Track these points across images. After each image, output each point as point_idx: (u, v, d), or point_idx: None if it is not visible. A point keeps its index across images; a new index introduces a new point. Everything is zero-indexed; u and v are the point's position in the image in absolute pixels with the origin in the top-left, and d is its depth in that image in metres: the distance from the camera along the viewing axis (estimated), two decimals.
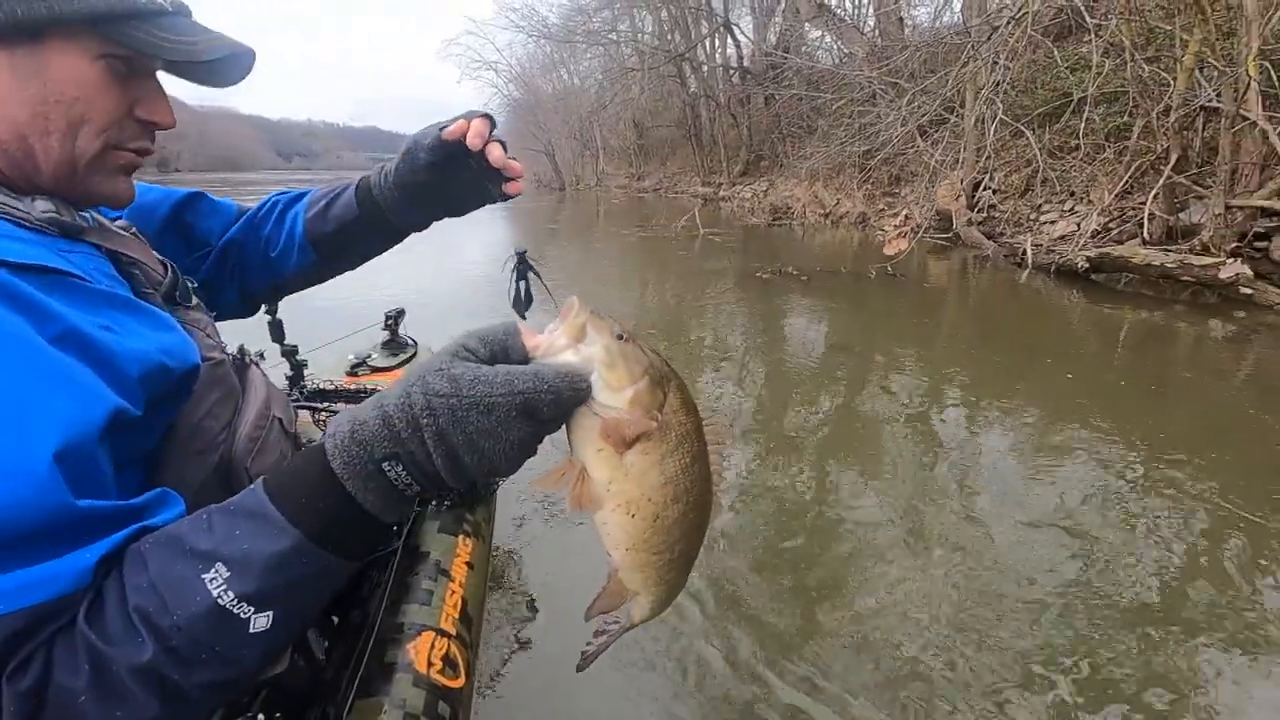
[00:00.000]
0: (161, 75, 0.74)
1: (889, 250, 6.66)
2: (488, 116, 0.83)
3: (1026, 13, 5.80)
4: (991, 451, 2.93)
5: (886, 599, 1.95)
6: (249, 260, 1.06)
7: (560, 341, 0.55)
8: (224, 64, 0.73)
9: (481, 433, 0.51)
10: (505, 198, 0.89)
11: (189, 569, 0.51)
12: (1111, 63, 6.38)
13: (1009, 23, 6.27)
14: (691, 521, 0.60)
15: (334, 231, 1.00)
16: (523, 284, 0.97)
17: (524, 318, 0.93)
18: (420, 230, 1.02)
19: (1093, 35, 5.91)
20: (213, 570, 0.51)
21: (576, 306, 0.55)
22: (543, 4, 43.94)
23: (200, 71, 0.74)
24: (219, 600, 0.50)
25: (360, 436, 0.52)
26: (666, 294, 6.75)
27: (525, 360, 0.55)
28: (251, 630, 0.52)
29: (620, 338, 0.55)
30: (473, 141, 0.82)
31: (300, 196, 1.06)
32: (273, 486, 0.54)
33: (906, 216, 7.97)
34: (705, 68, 22.03)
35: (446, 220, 1.01)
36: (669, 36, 22.34)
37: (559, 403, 0.53)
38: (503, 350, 0.55)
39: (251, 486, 0.56)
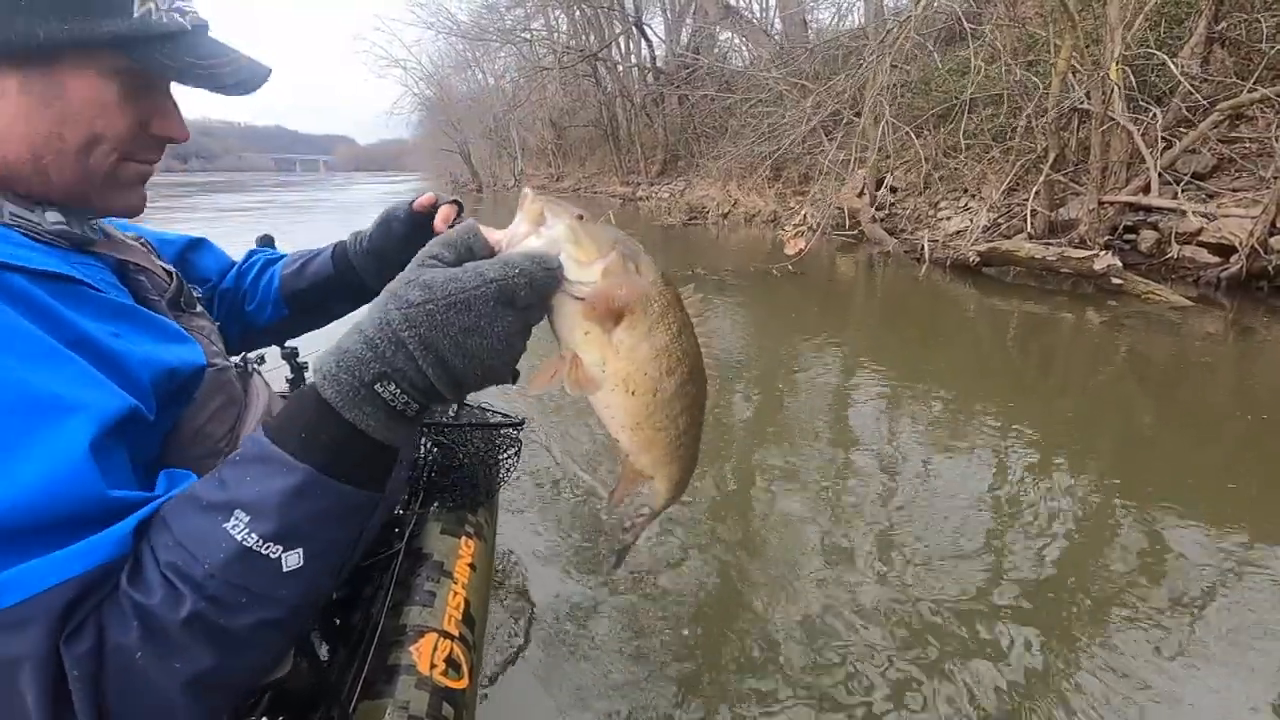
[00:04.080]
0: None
1: (789, 250, 6.81)
2: (455, 202, 0.92)
3: (910, 17, 6.01)
4: (900, 441, 2.98)
5: (808, 585, 1.98)
6: (228, 310, 1.09)
7: (522, 229, 0.55)
8: (239, 83, 0.73)
9: (465, 331, 0.52)
10: None
11: (209, 520, 0.52)
12: (990, 67, 6.71)
13: (897, 27, 6.50)
14: (689, 394, 0.60)
15: (307, 289, 1.05)
16: None
17: None
18: None
19: (970, 41, 6.20)
20: (232, 518, 0.52)
21: (530, 195, 0.56)
22: (450, 1, 42.84)
23: (213, 88, 0.73)
24: (244, 543, 0.51)
25: (346, 363, 0.52)
26: None
27: (491, 256, 0.56)
28: (285, 569, 0.53)
29: (580, 218, 0.55)
30: (438, 226, 0.90)
31: (281, 257, 1.13)
32: (273, 430, 0.55)
33: (805, 217, 8.16)
34: (620, 68, 22.03)
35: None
36: (583, 36, 22.21)
37: (534, 285, 0.53)
38: (468, 251, 0.57)
39: (251, 435, 0.56)
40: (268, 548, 0.52)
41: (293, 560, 0.53)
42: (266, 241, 2.33)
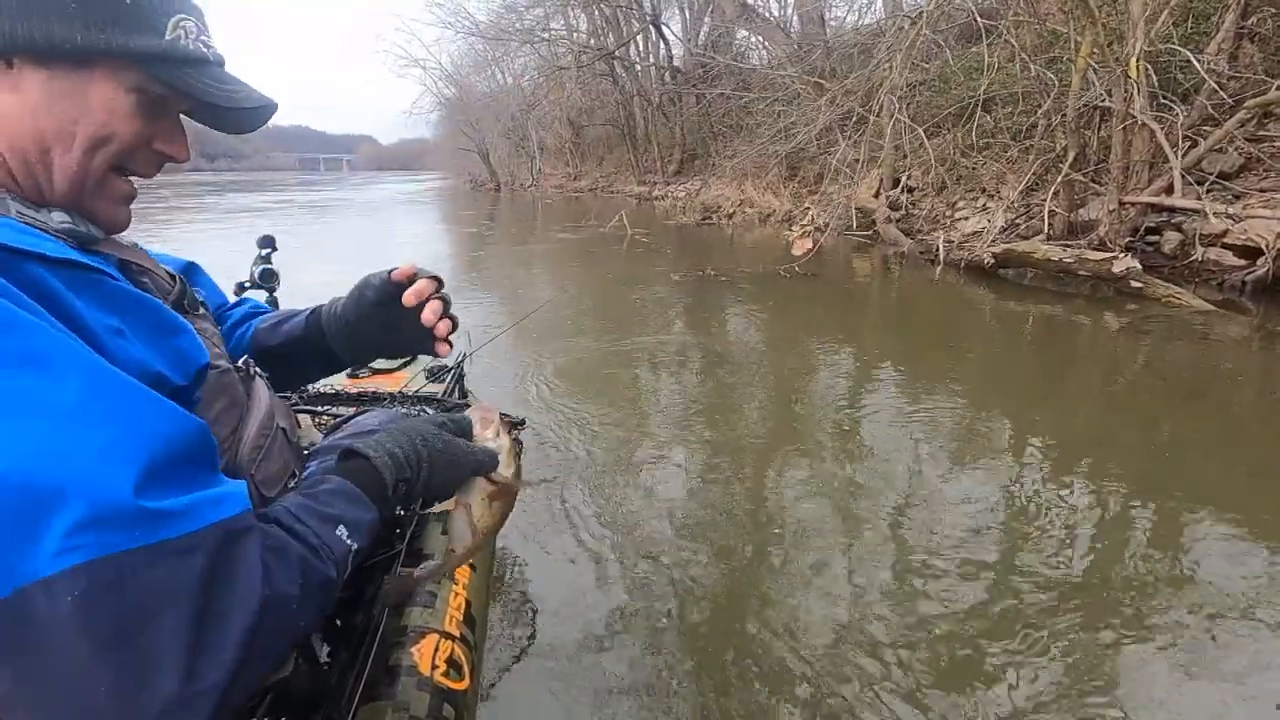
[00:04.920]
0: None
1: (796, 251, 6.72)
2: (435, 278, 0.96)
3: (922, 14, 5.89)
4: (914, 447, 2.91)
5: (822, 592, 1.95)
6: None
7: (489, 433, 0.89)
8: (252, 113, 0.78)
9: (447, 480, 0.82)
10: (435, 354, 1.02)
11: (328, 525, 0.67)
12: (1005, 63, 6.55)
13: (911, 24, 6.37)
14: (495, 533, 0.95)
15: (276, 345, 1.08)
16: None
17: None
18: (359, 365, 1.18)
19: (983, 37, 6.06)
20: (339, 529, 0.68)
21: (496, 419, 0.90)
22: (468, 0, 42.96)
23: (226, 118, 0.78)
24: (350, 547, 0.69)
25: (394, 461, 0.76)
26: (587, 303, 6.62)
27: (471, 438, 0.88)
28: (347, 574, 0.69)
29: (513, 438, 0.93)
30: (408, 299, 0.93)
31: (265, 310, 1.16)
32: (357, 481, 0.74)
33: (813, 217, 8.04)
34: (638, 67, 21.99)
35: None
36: (602, 36, 22.18)
37: (488, 466, 0.85)
38: (463, 431, 0.87)
39: (332, 482, 0.73)
40: (353, 557, 0.69)
41: (349, 569, 0.70)
42: (267, 242, 2.33)
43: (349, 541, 0.68)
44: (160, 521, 0.51)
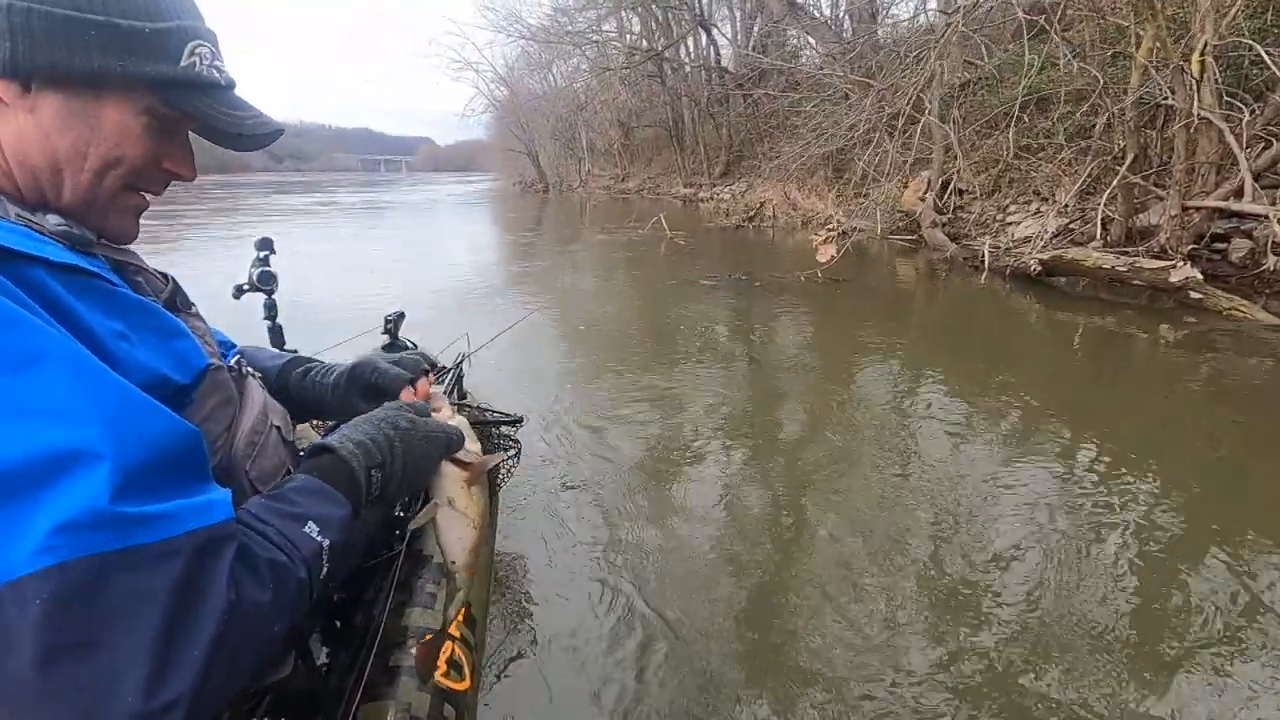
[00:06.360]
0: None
1: (820, 257, 6.46)
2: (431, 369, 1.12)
3: (959, 9, 5.62)
4: (956, 463, 2.78)
5: (854, 611, 1.88)
6: None
7: (446, 413, 0.97)
8: (256, 137, 0.80)
9: (422, 454, 0.85)
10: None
11: (293, 524, 0.67)
12: (1058, 59, 6.20)
13: (947, 22, 6.10)
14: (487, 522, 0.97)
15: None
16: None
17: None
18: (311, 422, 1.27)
19: (1024, 32, 5.75)
20: (307, 526, 0.68)
21: (446, 403, 0.98)
22: (521, 5, 43.53)
23: (232, 140, 0.80)
24: (322, 544, 0.68)
25: (363, 450, 0.78)
26: (619, 306, 6.58)
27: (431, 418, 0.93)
28: (321, 575, 0.68)
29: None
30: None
31: (234, 346, 1.17)
32: (325, 476, 0.75)
33: (837, 222, 7.78)
34: (687, 68, 21.87)
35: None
36: (653, 38, 22.13)
37: (458, 442, 0.92)
38: (425, 412, 0.92)
39: (298, 480, 0.74)
40: (326, 554, 0.68)
41: (326, 570, 0.69)
42: (265, 244, 2.38)
43: (319, 538, 0.68)
44: (141, 525, 0.51)
